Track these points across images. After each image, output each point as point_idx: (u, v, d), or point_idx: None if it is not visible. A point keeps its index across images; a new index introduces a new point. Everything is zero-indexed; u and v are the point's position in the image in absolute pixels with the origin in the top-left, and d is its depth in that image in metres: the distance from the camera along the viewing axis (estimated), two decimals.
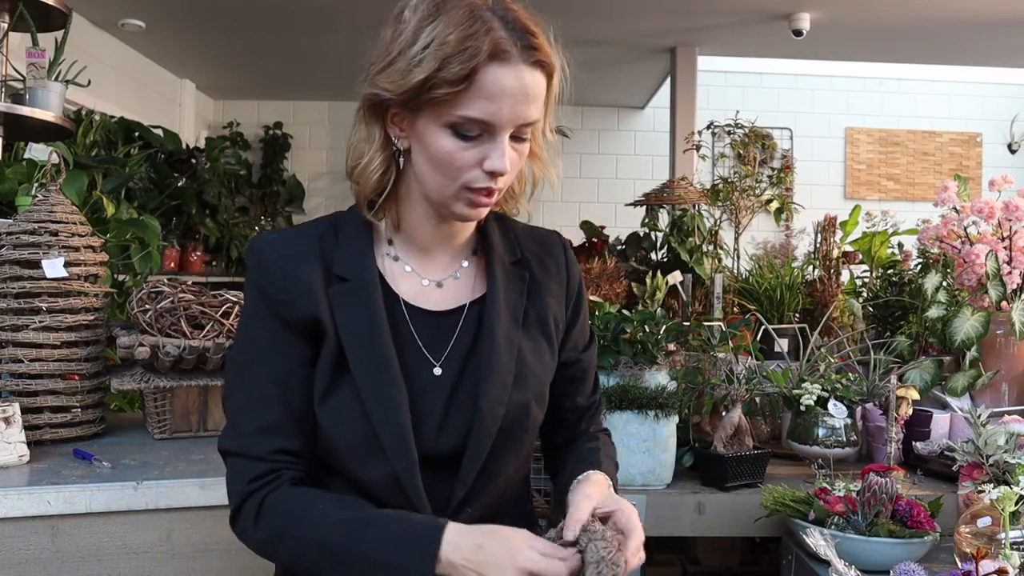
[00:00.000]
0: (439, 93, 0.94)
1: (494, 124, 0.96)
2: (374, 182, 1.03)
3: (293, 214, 6.76)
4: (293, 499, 0.99)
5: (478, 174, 0.98)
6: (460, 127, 0.96)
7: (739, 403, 1.89)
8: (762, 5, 4.60)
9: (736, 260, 3.79)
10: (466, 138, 0.96)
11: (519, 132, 0.99)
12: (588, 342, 1.21)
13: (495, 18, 0.95)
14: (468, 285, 1.10)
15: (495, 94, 0.94)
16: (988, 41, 5.17)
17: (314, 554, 0.96)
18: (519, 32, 0.95)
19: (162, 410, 1.82)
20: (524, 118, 0.97)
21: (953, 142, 6.73)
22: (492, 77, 0.94)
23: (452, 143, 0.97)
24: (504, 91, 0.94)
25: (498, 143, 0.97)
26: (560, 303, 1.14)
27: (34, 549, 1.39)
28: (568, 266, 1.17)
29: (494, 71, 0.94)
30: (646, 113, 6.87)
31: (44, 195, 1.81)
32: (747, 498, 1.81)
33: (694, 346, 2.16)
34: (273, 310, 1.02)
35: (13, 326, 1.72)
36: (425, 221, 1.07)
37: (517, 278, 1.10)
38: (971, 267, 2.18)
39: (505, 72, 0.94)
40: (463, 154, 0.97)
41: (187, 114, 6.25)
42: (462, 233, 1.10)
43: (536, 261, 1.13)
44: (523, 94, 0.95)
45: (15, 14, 2.42)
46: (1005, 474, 1.60)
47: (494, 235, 1.12)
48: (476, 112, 0.94)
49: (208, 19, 4.86)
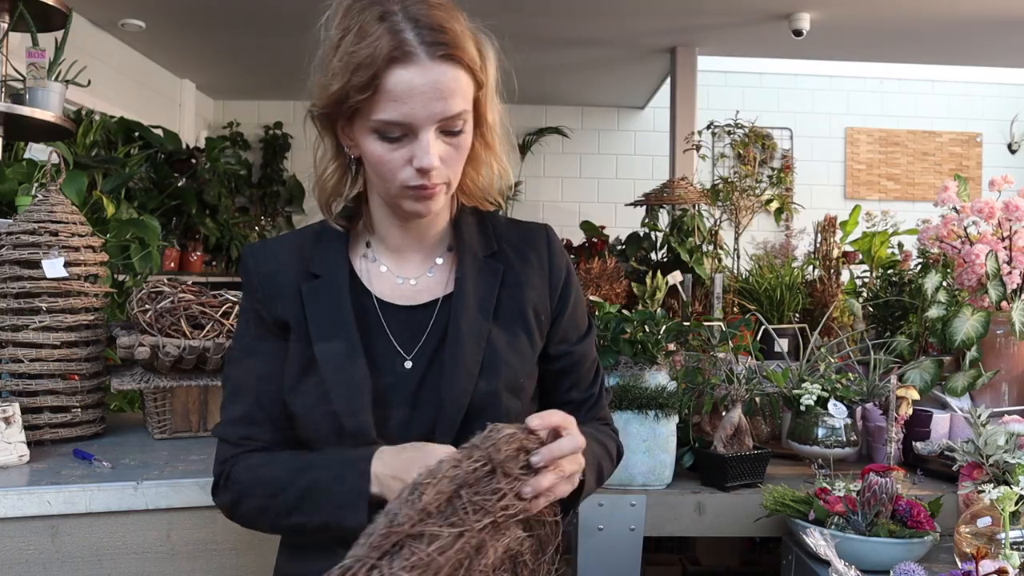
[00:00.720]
0: (354, 101, 0.97)
1: (410, 123, 0.97)
2: (330, 188, 1.09)
3: (293, 214, 6.76)
4: (252, 461, 1.08)
5: (410, 172, 1.00)
6: (381, 131, 0.98)
7: (739, 403, 1.89)
8: (762, 5, 4.60)
9: (736, 260, 3.79)
10: (391, 140, 0.99)
11: (447, 126, 0.99)
12: (583, 335, 1.20)
13: (402, 20, 0.96)
14: (442, 281, 1.13)
15: (403, 95, 0.95)
16: (988, 41, 5.17)
17: (269, 501, 1.05)
18: (424, 30, 0.96)
19: (162, 410, 1.82)
20: (442, 113, 0.97)
21: (953, 142, 6.73)
22: (396, 79, 0.95)
23: (380, 146, 0.99)
24: (412, 90, 0.95)
25: (421, 141, 0.98)
26: (543, 295, 1.15)
27: (34, 549, 1.39)
28: (552, 258, 1.16)
29: (397, 73, 0.95)
30: (646, 113, 6.88)
31: (44, 195, 1.81)
32: (747, 498, 1.81)
33: (694, 346, 2.16)
34: (255, 312, 1.11)
35: (13, 326, 1.72)
36: (391, 223, 1.11)
37: (489, 271, 1.12)
38: (971, 267, 2.18)
39: (410, 72, 0.95)
40: (392, 155, 0.99)
41: (187, 114, 6.25)
42: (431, 231, 1.13)
43: (515, 253, 1.15)
44: (435, 90, 0.96)
45: (15, 14, 2.42)
46: (1005, 474, 1.60)
47: (467, 230, 1.14)
48: (389, 115, 0.96)
49: (208, 19, 4.86)
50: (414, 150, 0.99)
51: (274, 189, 6.68)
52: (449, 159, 1.01)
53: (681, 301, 2.90)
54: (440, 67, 0.96)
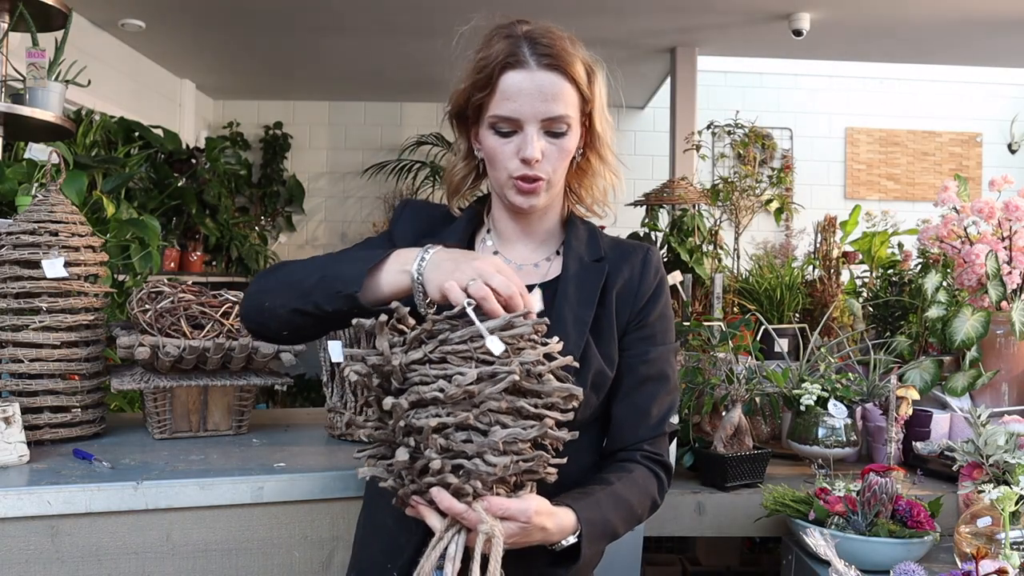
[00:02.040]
0: (476, 99, 1.17)
1: (518, 119, 1.15)
2: (455, 184, 1.28)
3: (293, 214, 6.76)
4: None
5: (516, 164, 1.16)
6: (496, 126, 1.17)
7: (739, 403, 1.89)
8: (762, 5, 4.60)
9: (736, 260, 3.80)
10: (503, 135, 1.17)
11: (550, 127, 1.16)
12: (649, 357, 1.23)
13: (521, 38, 1.16)
14: (543, 272, 1.26)
15: (513, 94, 1.14)
16: (988, 41, 5.16)
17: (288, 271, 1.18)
18: (531, 42, 1.15)
19: (162, 410, 1.82)
20: (545, 113, 1.15)
21: (953, 142, 6.72)
22: (508, 80, 1.15)
23: (494, 140, 1.17)
24: (521, 91, 1.14)
25: (527, 134, 1.15)
26: (630, 305, 1.24)
27: (34, 549, 1.39)
28: (644, 272, 1.26)
29: (509, 75, 1.15)
30: (646, 113, 6.87)
31: (44, 195, 1.81)
32: (747, 498, 1.81)
33: (694, 346, 2.16)
34: (389, 240, 1.29)
35: (13, 326, 1.72)
36: (504, 215, 1.27)
37: (595, 271, 1.23)
38: (971, 267, 2.18)
39: (519, 76, 1.14)
40: (503, 148, 1.17)
41: (187, 114, 6.25)
42: (539, 226, 1.27)
43: (615, 265, 1.26)
44: (539, 92, 1.14)
45: (15, 14, 2.42)
46: (1005, 474, 1.60)
47: (576, 235, 1.28)
48: (502, 110, 1.15)
49: (208, 19, 4.86)
50: (520, 143, 1.15)
51: (274, 189, 6.68)
52: (551, 157, 1.17)
53: (681, 301, 2.89)
54: (546, 74, 1.15)
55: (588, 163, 1.26)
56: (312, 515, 1.52)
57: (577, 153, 1.24)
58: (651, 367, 1.23)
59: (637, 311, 1.24)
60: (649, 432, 1.22)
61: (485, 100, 1.16)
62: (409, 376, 0.97)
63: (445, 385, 0.94)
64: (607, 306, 1.21)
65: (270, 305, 1.16)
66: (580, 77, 1.18)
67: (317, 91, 6.54)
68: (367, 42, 5.20)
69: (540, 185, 1.18)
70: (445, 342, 0.98)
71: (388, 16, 4.64)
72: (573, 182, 1.29)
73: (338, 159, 6.84)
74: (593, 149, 1.25)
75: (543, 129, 1.16)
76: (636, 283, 1.24)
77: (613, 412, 1.23)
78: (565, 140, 1.18)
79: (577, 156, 1.25)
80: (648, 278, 1.26)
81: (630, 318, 1.23)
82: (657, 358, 1.23)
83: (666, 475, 1.24)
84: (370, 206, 6.71)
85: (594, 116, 1.23)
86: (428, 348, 0.98)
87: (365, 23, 4.87)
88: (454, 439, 0.95)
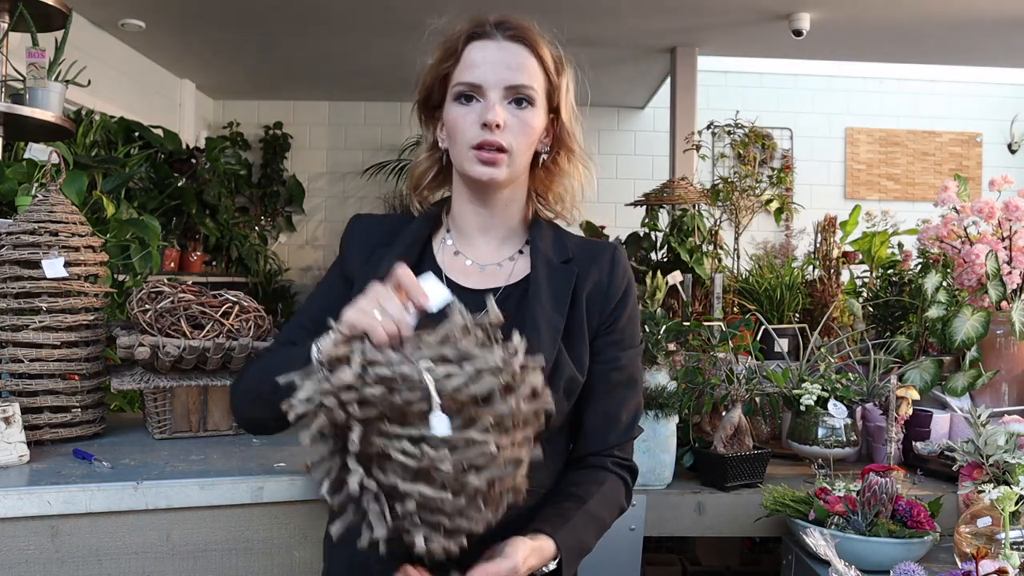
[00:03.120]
0: (441, 70, 1.19)
1: (481, 84, 1.15)
2: (416, 177, 1.28)
3: (293, 214, 6.76)
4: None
5: (476, 131, 1.15)
6: (460, 95, 1.17)
7: (739, 403, 1.89)
8: (762, 5, 4.60)
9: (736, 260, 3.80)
10: (465, 101, 1.16)
11: (512, 95, 1.16)
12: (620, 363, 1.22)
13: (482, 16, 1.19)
14: (507, 273, 1.23)
15: (478, 61, 1.16)
16: (988, 41, 5.17)
17: (254, 377, 1.18)
18: (501, 22, 1.18)
19: (162, 410, 1.82)
20: (509, 79, 1.15)
21: (953, 142, 6.72)
22: (474, 49, 1.17)
23: (457, 110, 1.17)
24: (485, 58, 1.16)
25: (488, 100, 1.15)
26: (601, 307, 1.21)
27: (34, 549, 1.39)
28: (613, 273, 1.23)
29: (476, 45, 1.17)
30: (646, 113, 6.87)
31: (44, 195, 1.81)
32: (747, 498, 1.81)
33: (694, 346, 2.16)
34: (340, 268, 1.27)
35: (13, 326, 1.72)
36: (464, 208, 1.24)
37: (565, 274, 1.21)
38: (971, 267, 2.18)
39: (483, 44, 1.17)
40: (465, 118, 1.16)
41: (187, 114, 6.25)
42: (500, 222, 1.24)
43: (584, 265, 1.22)
44: (503, 61, 1.16)
45: (15, 14, 2.42)
46: (1005, 474, 1.60)
47: (542, 235, 1.24)
48: (466, 76, 1.16)
49: (208, 19, 4.86)
50: (480, 109, 1.15)
51: (274, 189, 6.68)
52: (513, 128, 1.16)
53: (681, 301, 2.89)
54: (510, 45, 1.17)
55: (556, 164, 1.25)
56: (312, 515, 1.52)
57: (544, 151, 1.23)
58: (622, 373, 1.22)
59: (608, 314, 1.22)
60: (619, 438, 1.22)
61: (450, 70, 1.18)
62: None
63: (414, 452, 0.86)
64: (578, 310, 1.19)
65: (259, 416, 1.18)
66: (546, 59, 1.18)
67: (317, 91, 6.54)
68: (367, 42, 5.20)
69: (502, 157, 1.15)
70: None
71: (388, 16, 4.64)
72: (540, 186, 1.26)
73: (338, 159, 6.84)
74: (563, 146, 1.24)
75: (506, 99, 1.15)
76: (605, 285, 1.22)
77: (584, 418, 1.21)
78: (528, 114, 1.16)
79: (544, 155, 1.23)
80: (617, 279, 1.23)
81: (600, 321, 1.21)
82: (627, 363, 1.22)
83: (632, 478, 1.25)
84: (370, 206, 6.71)
85: (561, 109, 1.21)
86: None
87: (365, 23, 4.87)
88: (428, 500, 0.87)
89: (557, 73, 1.20)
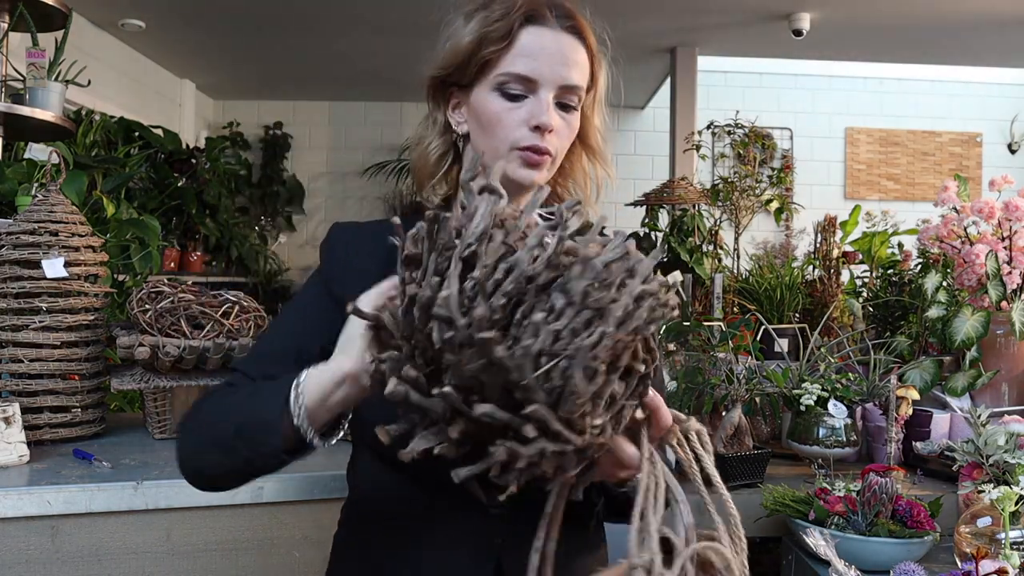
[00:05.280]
0: (486, 52, 1.01)
1: (536, 80, 1.01)
2: (431, 165, 1.09)
3: (293, 214, 6.76)
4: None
5: (525, 132, 1.02)
6: (506, 86, 1.02)
7: (739, 403, 1.89)
8: (762, 5, 4.60)
9: (736, 260, 3.80)
10: (512, 97, 1.02)
11: (563, 98, 1.04)
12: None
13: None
14: None
15: (534, 51, 1.01)
16: (988, 41, 5.17)
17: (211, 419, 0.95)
18: (557, 7, 1.04)
19: (162, 410, 1.82)
20: (564, 79, 1.03)
21: (953, 142, 6.72)
22: (530, 35, 1.01)
23: (500, 103, 1.02)
24: (543, 48, 1.01)
25: (542, 100, 1.02)
26: None
27: (34, 549, 1.39)
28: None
29: (532, 30, 1.02)
30: (646, 113, 6.87)
31: (44, 195, 1.81)
32: (747, 498, 1.81)
33: (694, 346, 2.16)
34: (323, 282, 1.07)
35: (13, 326, 1.72)
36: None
37: None
38: (971, 267, 2.18)
39: (542, 32, 1.02)
40: (510, 114, 1.02)
41: (187, 114, 6.25)
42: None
43: None
44: (560, 54, 1.02)
45: (15, 14, 2.42)
46: (1005, 474, 1.60)
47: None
48: (519, 67, 1.01)
49: (208, 19, 4.86)
50: (532, 109, 1.02)
51: (274, 189, 6.68)
52: (561, 133, 1.05)
53: (681, 301, 2.90)
54: (568, 37, 1.03)
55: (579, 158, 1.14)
56: (312, 515, 1.52)
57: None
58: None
59: None
60: None
61: (497, 55, 1.01)
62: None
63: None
64: None
65: (214, 468, 0.95)
66: (595, 54, 1.08)
67: (317, 91, 6.53)
68: (367, 42, 5.20)
69: (546, 160, 1.04)
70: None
71: (388, 16, 4.64)
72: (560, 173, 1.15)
73: (338, 159, 6.84)
74: (587, 138, 1.13)
75: (556, 99, 1.03)
76: None
77: None
78: (573, 117, 1.06)
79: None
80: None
81: None
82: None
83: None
84: (370, 206, 6.71)
85: (592, 103, 1.12)
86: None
87: (365, 23, 4.87)
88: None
89: (596, 66, 1.10)
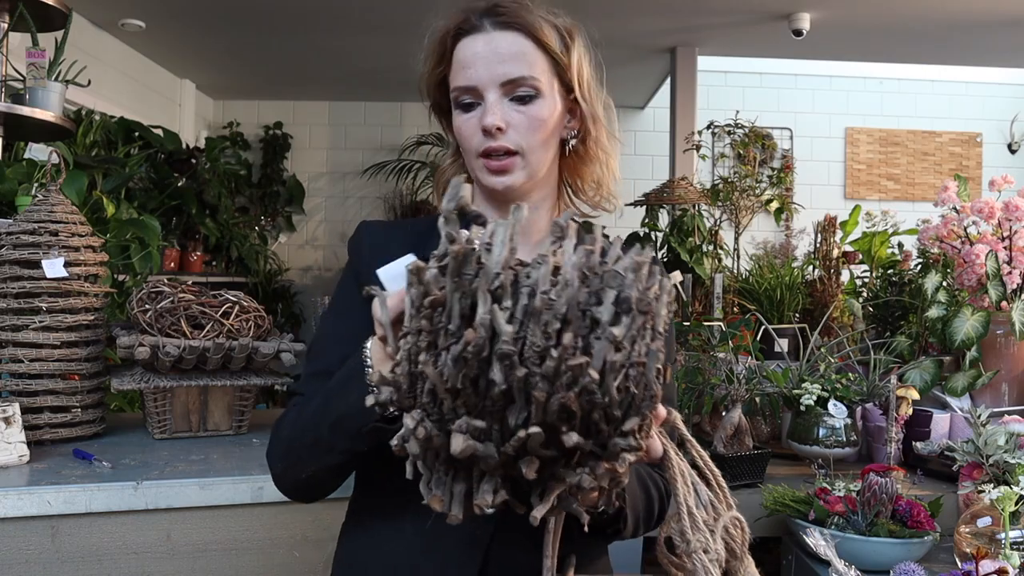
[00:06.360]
0: (436, 74, 1.09)
1: (476, 86, 1.05)
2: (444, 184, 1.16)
3: (293, 214, 6.76)
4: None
5: (479, 138, 1.05)
6: (459, 100, 1.07)
7: (739, 403, 1.89)
8: (762, 5, 4.59)
9: (736, 260, 3.80)
10: (466, 108, 1.06)
11: (513, 91, 1.05)
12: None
13: (468, 5, 1.07)
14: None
15: (468, 61, 1.05)
16: (988, 41, 5.16)
17: (299, 429, 1.01)
18: (488, 8, 1.06)
19: (162, 410, 1.82)
20: (503, 75, 1.04)
21: (953, 142, 6.72)
22: (463, 47, 1.06)
23: (460, 118, 1.07)
24: (476, 54, 1.05)
25: (486, 102, 1.04)
26: None
27: (34, 549, 1.39)
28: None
29: (464, 42, 1.06)
30: (646, 113, 6.87)
31: (44, 195, 1.81)
32: (747, 498, 1.81)
33: (694, 346, 2.16)
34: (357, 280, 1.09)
35: (13, 326, 1.72)
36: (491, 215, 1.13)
37: None
38: (971, 267, 2.18)
39: (473, 40, 1.05)
40: (467, 124, 1.06)
41: (187, 114, 6.25)
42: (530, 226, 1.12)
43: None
44: (494, 54, 1.04)
45: (15, 14, 2.42)
46: (1005, 474, 1.60)
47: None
48: (460, 80, 1.06)
49: (208, 19, 4.86)
50: (480, 114, 1.05)
51: (274, 189, 6.68)
52: (519, 127, 1.05)
53: (681, 301, 2.89)
54: (501, 34, 1.05)
55: (585, 148, 1.14)
56: (312, 515, 1.52)
57: (570, 137, 1.13)
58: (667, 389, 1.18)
59: None
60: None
61: (445, 74, 1.08)
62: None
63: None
64: None
65: (315, 471, 1.01)
66: (548, 39, 1.06)
67: (317, 91, 6.53)
68: (367, 42, 5.20)
69: (512, 162, 1.05)
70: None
71: (388, 16, 4.64)
72: (571, 174, 1.16)
73: (338, 159, 6.84)
74: (586, 130, 1.13)
75: (506, 95, 1.04)
76: None
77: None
78: (534, 107, 1.05)
79: (571, 141, 1.13)
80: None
81: None
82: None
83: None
84: (370, 206, 6.71)
85: (577, 87, 1.09)
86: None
87: (365, 23, 4.87)
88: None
89: (566, 49, 1.08)
